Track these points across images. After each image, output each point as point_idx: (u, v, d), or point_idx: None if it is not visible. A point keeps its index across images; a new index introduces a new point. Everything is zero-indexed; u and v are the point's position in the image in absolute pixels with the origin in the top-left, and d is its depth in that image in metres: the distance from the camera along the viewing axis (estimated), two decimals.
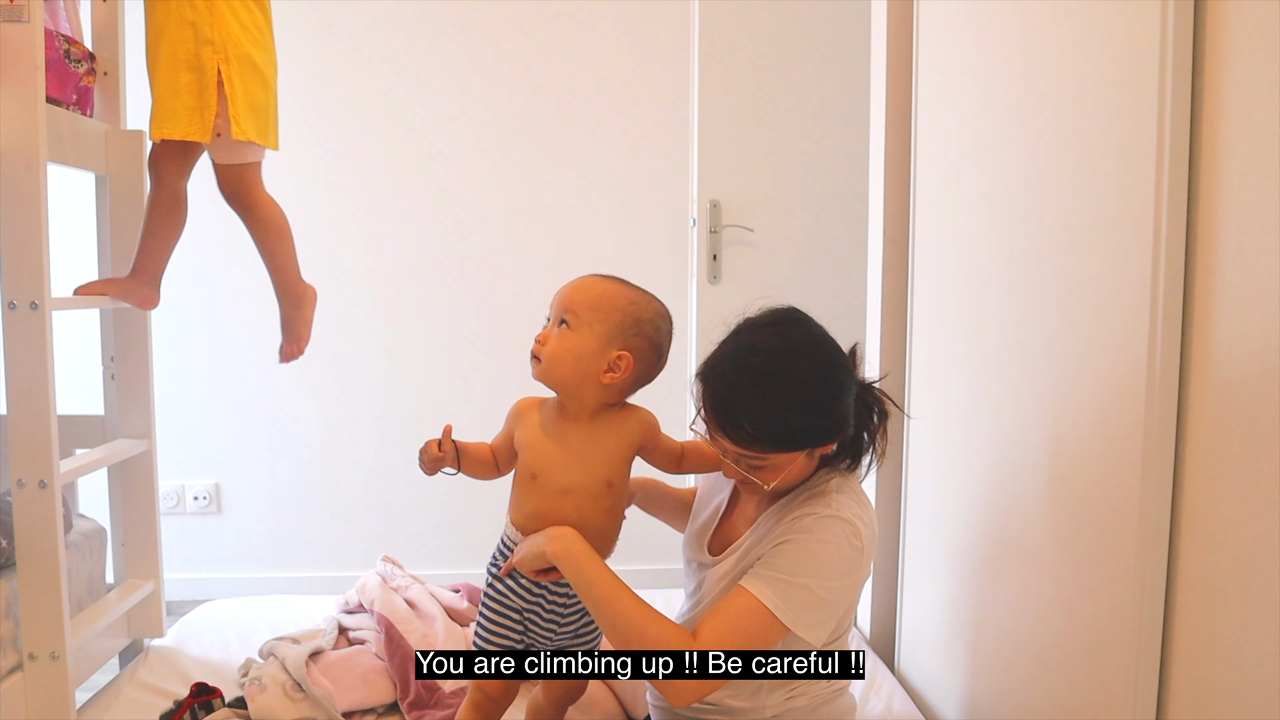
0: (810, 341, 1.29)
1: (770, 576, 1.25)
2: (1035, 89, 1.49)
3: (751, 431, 1.24)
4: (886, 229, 2.09)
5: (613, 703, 1.72)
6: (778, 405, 1.23)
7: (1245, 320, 1.09)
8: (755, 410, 1.23)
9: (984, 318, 1.68)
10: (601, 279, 1.36)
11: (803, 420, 1.25)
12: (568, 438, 1.35)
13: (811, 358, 1.27)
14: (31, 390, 1.50)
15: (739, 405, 1.24)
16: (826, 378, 1.26)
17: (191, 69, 1.56)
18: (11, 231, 1.48)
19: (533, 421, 1.37)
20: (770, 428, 1.24)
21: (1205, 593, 1.16)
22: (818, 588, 1.25)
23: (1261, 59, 1.06)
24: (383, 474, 3.12)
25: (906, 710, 1.80)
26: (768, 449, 1.26)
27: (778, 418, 1.23)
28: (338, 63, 3.01)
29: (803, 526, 1.27)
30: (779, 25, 2.96)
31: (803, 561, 1.25)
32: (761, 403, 1.23)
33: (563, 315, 1.32)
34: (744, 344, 1.28)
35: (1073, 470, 1.39)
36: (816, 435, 1.28)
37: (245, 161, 1.67)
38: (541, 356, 1.32)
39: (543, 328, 1.35)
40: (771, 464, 1.28)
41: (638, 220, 3.09)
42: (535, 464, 1.35)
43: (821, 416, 1.26)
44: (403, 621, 1.87)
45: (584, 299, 1.32)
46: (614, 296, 1.33)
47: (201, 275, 2.98)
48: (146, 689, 1.84)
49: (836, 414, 1.28)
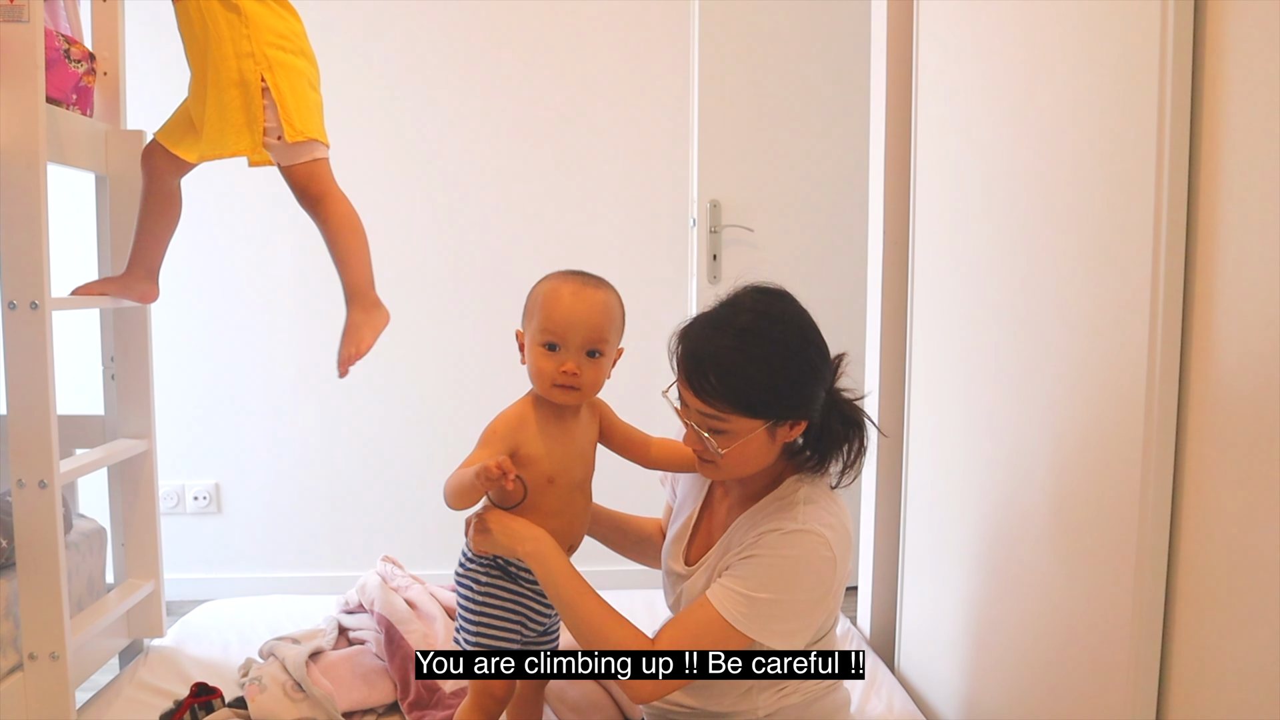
0: (792, 315, 1.31)
1: (732, 589, 1.26)
2: (1035, 89, 1.49)
3: (716, 384, 1.25)
4: (886, 229, 2.09)
5: (610, 705, 1.72)
6: (746, 361, 1.25)
7: (1245, 321, 1.09)
8: (723, 362, 1.25)
9: (984, 318, 1.68)
10: (596, 290, 1.35)
11: (768, 382, 1.26)
12: (570, 436, 1.39)
13: (789, 329, 1.29)
14: (31, 390, 1.50)
15: (709, 357, 1.26)
16: (799, 350, 1.28)
17: (236, 85, 1.56)
18: (11, 231, 1.48)
19: (532, 432, 1.37)
20: (735, 382, 1.25)
21: (1205, 593, 1.16)
22: (786, 601, 1.26)
23: (1261, 59, 1.06)
24: (383, 474, 3.12)
25: (906, 710, 1.80)
26: (729, 406, 1.26)
27: (744, 373, 1.25)
28: (337, 63, 3.00)
29: (769, 543, 1.28)
30: (779, 25, 2.96)
31: (766, 577, 1.26)
32: (730, 355, 1.25)
33: (594, 347, 1.33)
34: (726, 305, 1.31)
35: (1073, 471, 1.39)
36: (779, 405, 1.27)
37: (310, 159, 1.63)
38: (580, 386, 1.34)
39: (554, 350, 1.32)
40: (731, 429, 1.27)
41: (638, 220, 3.09)
42: (552, 469, 1.36)
43: (787, 386, 1.27)
44: (403, 621, 1.87)
45: (609, 324, 1.34)
46: (618, 307, 1.37)
47: (202, 275, 2.98)
48: (146, 689, 1.84)
49: (804, 390, 1.28)
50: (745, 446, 1.29)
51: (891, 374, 2.10)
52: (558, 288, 1.34)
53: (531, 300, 1.37)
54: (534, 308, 1.36)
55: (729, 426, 1.28)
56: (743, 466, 1.33)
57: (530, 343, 1.35)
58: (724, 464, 1.32)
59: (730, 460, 1.31)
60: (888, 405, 2.11)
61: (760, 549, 1.28)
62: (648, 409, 1.65)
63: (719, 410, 1.27)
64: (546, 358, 1.33)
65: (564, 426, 1.38)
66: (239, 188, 2.92)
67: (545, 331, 1.32)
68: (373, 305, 1.72)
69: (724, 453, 1.29)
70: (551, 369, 1.32)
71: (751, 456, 1.31)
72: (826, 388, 1.33)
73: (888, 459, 2.12)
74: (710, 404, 1.27)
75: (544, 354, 1.33)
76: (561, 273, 1.38)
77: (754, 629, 1.25)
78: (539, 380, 1.35)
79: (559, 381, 1.33)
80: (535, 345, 1.34)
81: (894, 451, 2.09)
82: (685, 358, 1.30)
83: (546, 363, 1.33)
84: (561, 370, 1.32)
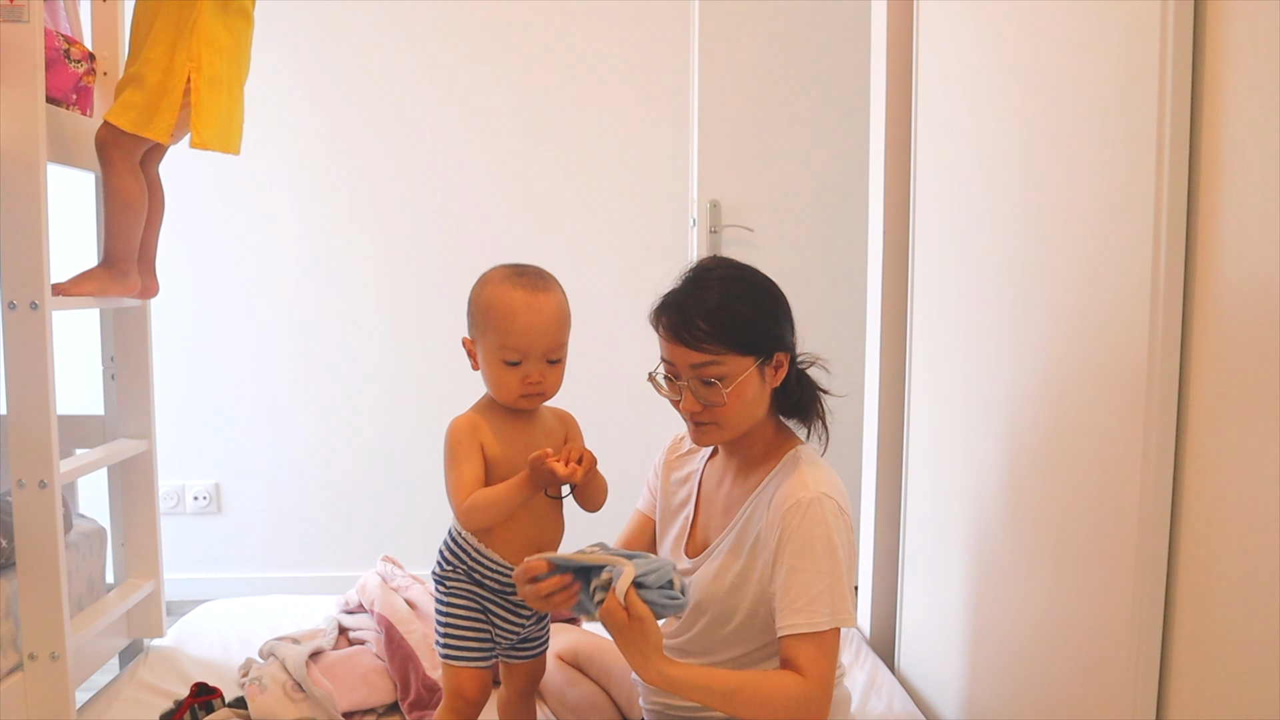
0: (759, 272, 1.41)
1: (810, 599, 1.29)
2: (1035, 89, 1.49)
3: (706, 328, 1.32)
4: (886, 229, 2.09)
5: (609, 707, 1.71)
6: (729, 298, 1.34)
7: (1246, 320, 1.09)
8: (708, 303, 1.33)
9: (984, 318, 1.68)
10: (547, 294, 1.36)
11: (752, 314, 1.34)
12: (526, 437, 1.40)
13: (755, 273, 1.40)
14: (31, 390, 1.50)
15: (692, 306, 1.34)
16: (768, 288, 1.39)
17: (163, 71, 1.60)
18: (11, 231, 1.48)
19: (487, 436, 1.38)
20: (723, 318, 1.32)
21: (1205, 593, 1.16)
22: (840, 574, 1.31)
23: (1261, 59, 1.06)
24: (383, 474, 3.12)
25: (906, 710, 1.80)
26: (721, 345, 1.32)
27: (730, 309, 1.33)
28: (337, 62, 3.00)
29: (794, 527, 1.31)
30: (779, 25, 2.96)
31: (818, 566, 1.30)
32: (714, 295, 1.34)
33: (554, 355, 1.36)
34: (695, 269, 1.41)
35: (1073, 471, 1.39)
36: (765, 338, 1.35)
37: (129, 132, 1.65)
38: (544, 391, 1.37)
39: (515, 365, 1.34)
40: (728, 371, 1.33)
41: (638, 220, 3.09)
42: (508, 470, 1.36)
43: (770, 319, 1.36)
44: (403, 621, 1.87)
45: (565, 328, 1.37)
46: (566, 304, 1.38)
47: (202, 275, 2.98)
48: (146, 689, 1.84)
49: (780, 324, 1.38)
50: (743, 390, 1.34)
51: (891, 374, 2.09)
52: (508, 298, 1.33)
53: (480, 311, 1.36)
54: (485, 321, 1.35)
55: (725, 370, 1.33)
56: (741, 416, 1.37)
57: (489, 357, 1.35)
58: (726, 414, 1.35)
59: (732, 408, 1.35)
60: (888, 405, 2.10)
61: (790, 538, 1.31)
62: (648, 408, 1.65)
63: (712, 353, 1.32)
64: (509, 372, 1.34)
65: (519, 428, 1.40)
66: (239, 188, 2.93)
67: (505, 349, 1.33)
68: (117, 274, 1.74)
69: (727, 394, 1.33)
70: (515, 382, 1.35)
71: (749, 402, 1.36)
72: (793, 336, 1.40)
73: (888, 459, 2.12)
74: (703, 349, 1.32)
75: (505, 369, 1.34)
76: (505, 276, 1.36)
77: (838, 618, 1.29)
78: (502, 393, 1.37)
79: (525, 392, 1.35)
80: (495, 361, 1.34)
81: (894, 451, 2.09)
82: (670, 318, 1.35)
83: (510, 377, 1.34)
84: (526, 382, 1.34)
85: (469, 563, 1.40)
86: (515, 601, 1.41)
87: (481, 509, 1.32)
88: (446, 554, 1.43)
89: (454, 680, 1.40)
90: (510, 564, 1.38)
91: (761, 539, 1.36)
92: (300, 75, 2.97)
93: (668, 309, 1.36)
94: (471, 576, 1.40)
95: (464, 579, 1.41)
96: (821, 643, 1.28)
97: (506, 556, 1.38)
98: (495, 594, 1.41)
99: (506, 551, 1.38)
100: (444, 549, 1.44)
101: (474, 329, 1.38)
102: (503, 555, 1.38)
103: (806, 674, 1.27)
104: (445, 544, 1.44)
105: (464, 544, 1.40)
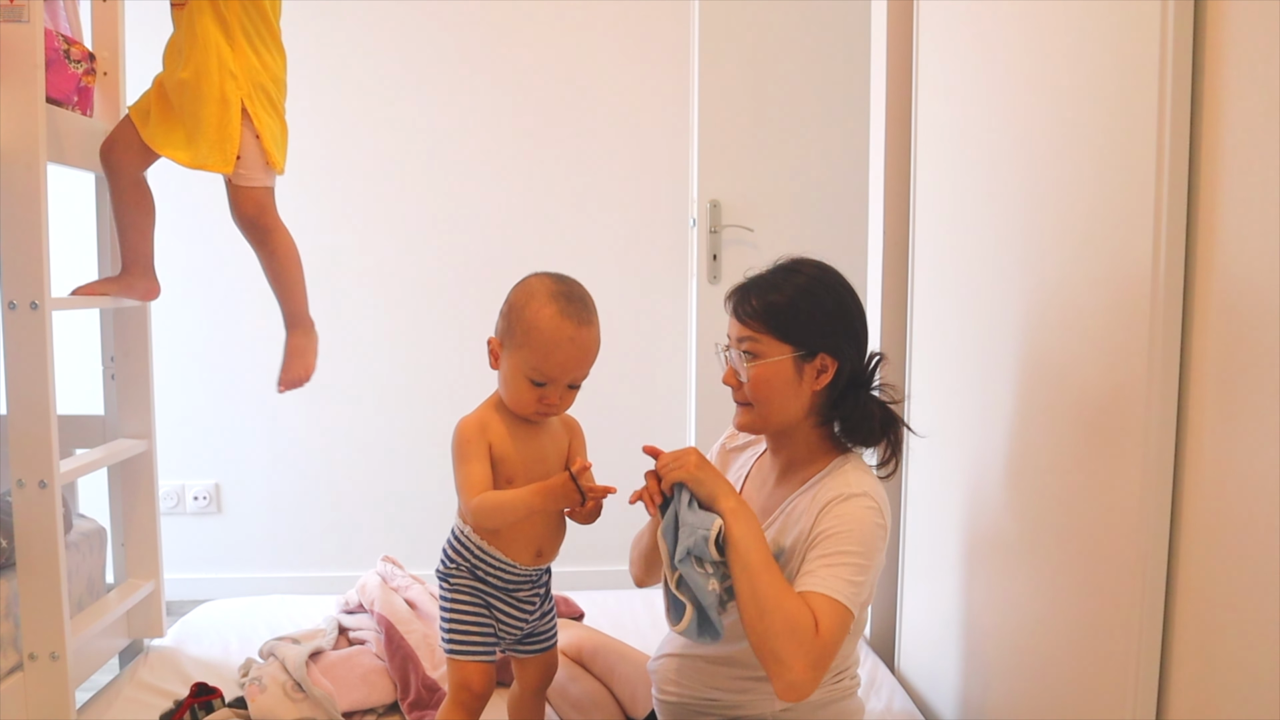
0: (841, 280, 1.42)
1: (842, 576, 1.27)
2: (1035, 88, 1.49)
3: (756, 305, 1.37)
4: (886, 229, 2.09)
5: (611, 704, 1.72)
6: (787, 285, 1.37)
7: (1246, 320, 1.09)
8: (766, 285, 1.38)
9: (984, 318, 1.68)
10: (590, 328, 1.36)
11: (803, 306, 1.36)
12: (533, 438, 1.41)
13: (836, 277, 1.41)
14: (31, 390, 1.51)
15: (756, 285, 1.39)
16: (836, 290, 1.39)
17: (216, 101, 1.59)
18: (11, 231, 1.49)
19: (500, 432, 1.38)
20: (773, 299, 1.36)
21: (1205, 593, 1.16)
22: (870, 567, 1.30)
23: (1261, 59, 1.06)
24: (383, 474, 3.12)
25: (906, 710, 1.80)
26: (762, 325, 1.36)
27: (783, 293, 1.36)
28: (337, 63, 3.00)
29: (837, 514, 1.30)
30: (779, 25, 2.96)
31: (852, 551, 1.28)
32: (777, 278, 1.39)
33: (577, 382, 1.37)
34: (785, 259, 1.44)
35: (1073, 471, 1.39)
36: (810, 333, 1.35)
37: (261, 185, 1.69)
38: (556, 411, 1.39)
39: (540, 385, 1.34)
40: (762, 350, 1.35)
41: (638, 220, 3.09)
42: (512, 470, 1.38)
43: (822, 317, 1.37)
44: (403, 622, 1.87)
45: (594, 360, 1.38)
46: (600, 335, 1.38)
47: (201, 276, 2.98)
48: (146, 689, 1.84)
49: (835, 329, 1.37)
50: (770, 373, 1.35)
51: (892, 374, 2.09)
52: (555, 328, 1.32)
53: (520, 325, 1.34)
54: (524, 338, 1.33)
55: (760, 347, 1.36)
56: (771, 402, 1.37)
57: (514, 370, 1.35)
58: (756, 395, 1.36)
59: (758, 388, 1.36)
60: None
61: (831, 524, 1.30)
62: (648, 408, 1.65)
63: (754, 330, 1.36)
64: (530, 390, 1.35)
65: (528, 430, 1.40)
66: None
67: (536, 371, 1.33)
68: (311, 326, 1.81)
69: (752, 372, 1.35)
70: (533, 400, 1.35)
71: (778, 388, 1.36)
72: (859, 353, 1.40)
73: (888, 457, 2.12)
74: (749, 324, 1.36)
75: (528, 386, 1.34)
76: (552, 296, 1.34)
77: (851, 603, 1.27)
78: (517, 405, 1.37)
79: (540, 410, 1.37)
80: (519, 375, 1.34)
81: None
82: (735, 293, 1.41)
83: (530, 394, 1.35)
84: (543, 402, 1.35)
85: (471, 560, 1.40)
86: (518, 597, 1.42)
87: (489, 510, 1.33)
88: (450, 551, 1.44)
89: (459, 674, 1.41)
90: (512, 562, 1.39)
91: (798, 532, 1.35)
92: (300, 76, 2.96)
93: (740, 286, 1.42)
94: (474, 573, 1.41)
95: (467, 575, 1.41)
96: (835, 610, 1.24)
97: (508, 554, 1.39)
98: (498, 590, 1.41)
99: (508, 549, 1.39)
100: (447, 547, 1.44)
101: (506, 336, 1.36)
102: (504, 553, 1.39)
103: (820, 626, 1.23)
104: (449, 541, 1.44)
105: (466, 542, 1.41)
